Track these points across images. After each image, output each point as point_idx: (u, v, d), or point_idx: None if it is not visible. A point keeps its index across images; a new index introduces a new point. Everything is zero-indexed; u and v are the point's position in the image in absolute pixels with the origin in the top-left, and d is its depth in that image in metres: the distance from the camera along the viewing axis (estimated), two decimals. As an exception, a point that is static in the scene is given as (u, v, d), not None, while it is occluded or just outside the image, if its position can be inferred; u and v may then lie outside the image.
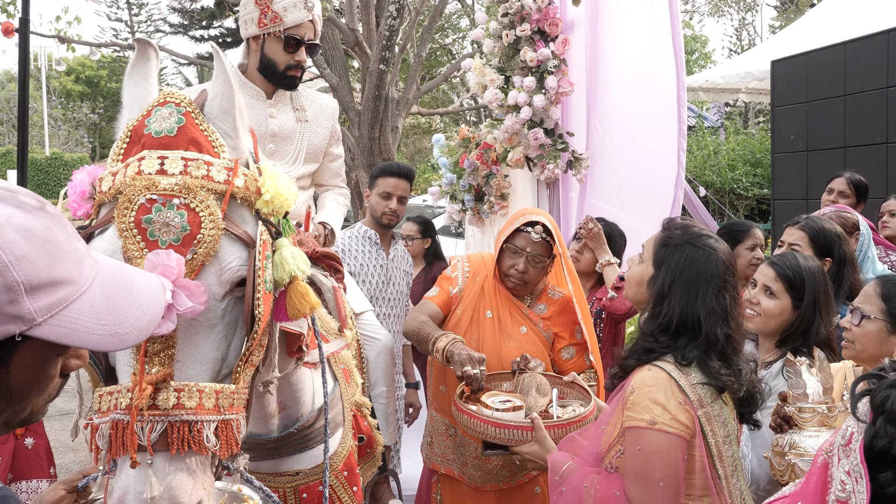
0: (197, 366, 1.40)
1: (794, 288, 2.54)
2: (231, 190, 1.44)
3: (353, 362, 2.56)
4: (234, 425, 1.42)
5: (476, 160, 4.62)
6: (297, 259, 1.53)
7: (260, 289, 1.42)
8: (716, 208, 10.13)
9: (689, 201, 5.80)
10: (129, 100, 1.56)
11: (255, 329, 1.42)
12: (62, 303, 0.98)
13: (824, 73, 6.76)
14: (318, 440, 2.20)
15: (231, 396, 1.41)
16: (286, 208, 1.55)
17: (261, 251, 1.44)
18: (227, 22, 27.01)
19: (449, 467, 3.03)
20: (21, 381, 1.01)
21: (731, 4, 31.38)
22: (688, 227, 2.09)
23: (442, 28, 19.42)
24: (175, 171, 1.39)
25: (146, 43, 1.57)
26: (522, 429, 2.34)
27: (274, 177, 1.51)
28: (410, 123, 22.41)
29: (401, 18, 7.98)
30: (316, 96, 3.19)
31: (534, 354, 2.91)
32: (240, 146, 1.54)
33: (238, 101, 1.53)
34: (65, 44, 8.64)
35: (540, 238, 2.91)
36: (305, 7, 2.87)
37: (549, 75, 4.23)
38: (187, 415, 1.34)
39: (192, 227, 1.37)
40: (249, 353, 1.45)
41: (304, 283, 1.55)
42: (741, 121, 18.91)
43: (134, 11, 38.03)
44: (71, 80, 39.02)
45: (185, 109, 1.46)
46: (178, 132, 1.43)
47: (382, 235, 4.06)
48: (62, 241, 1.00)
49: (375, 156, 8.35)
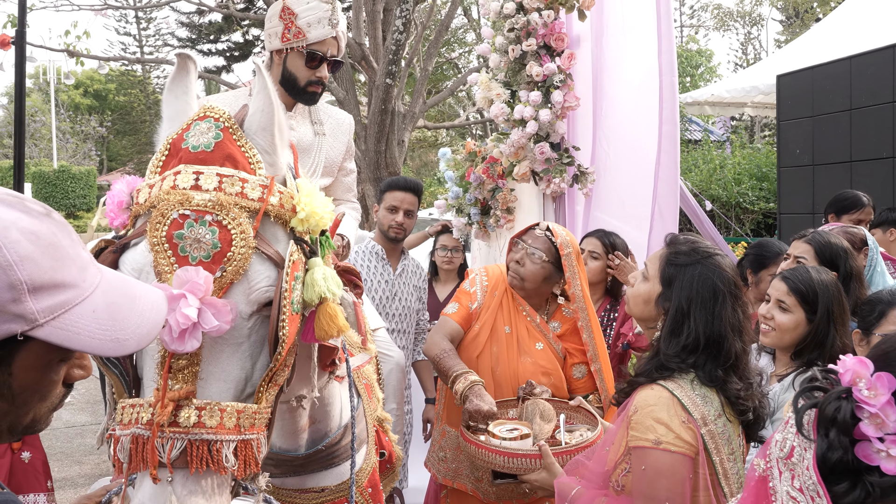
0: (221, 384, 1.39)
1: (808, 301, 2.54)
2: (265, 208, 1.42)
3: (374, 377, 2.57)
4: (255, 444, 1.40)
5: (482, 174, 4.63)
6: (328, 281, 1.50)
7: (286, 310, 1.40)
8: (722, 222, 10.12)
9: (695, 215, 5.79)
10: (170, 113, 1.55)
11: (280, 351, 1.41)
12: (64, 306, 1.00)
13: (830, 87, 6.76)
14: (344, 457, 2.20)
15: (253, 416, 1.40)
16: (322, 227, 1.53)
17: (289, 272, 1.42)
18: (235, 36, 27.15)
19: (462, 482, 3.01)
20: (23, 383, 1.02)
21: (737, 19, 31.48)
22: (694, 244, 2.08)
23: (448, 42, 19.50)
24: (209, 186, 1.38)
25: (186, 57, 1.56)
26: (530, 457, 2.34)
27: (310, 195, 1.49)
28: (416, 137, 22.48)
29: (407, 33, 8.03)
30: (333, 111, 3.20)
31: (548, 370, 2.93)
32: (277, 163, 1.51)
33: (279, 117, 1.51)
34: (74, 58, 8.71)
35: (542, 234, 2.94)
36: (330, 24, 2.87)
37: (554, 90, 4.24)
38: (207, 434, 1.33)
39: (223, 245, 1.36)
40: (273, 373, 1.44)
41: (333, 305, 1.53)
42: (747, 135, 18.92)
43: (142, 26, 38.32)
44: (79, 94, 39.33)
45: (224, 125, 1.45)
46: (215, 148, 1.43)
47: (390, 250, 4.06)
48: (66, 246, 1.03)
49: (382, 169, 8.39)
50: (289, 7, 2.82)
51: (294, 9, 2.82)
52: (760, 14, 31.49)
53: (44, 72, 33.46)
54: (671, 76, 4.38)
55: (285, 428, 2.07)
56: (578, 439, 2.50)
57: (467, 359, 2.92)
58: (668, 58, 4.39)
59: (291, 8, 2.82)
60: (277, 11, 2.85)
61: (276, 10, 2.86)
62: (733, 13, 31.28)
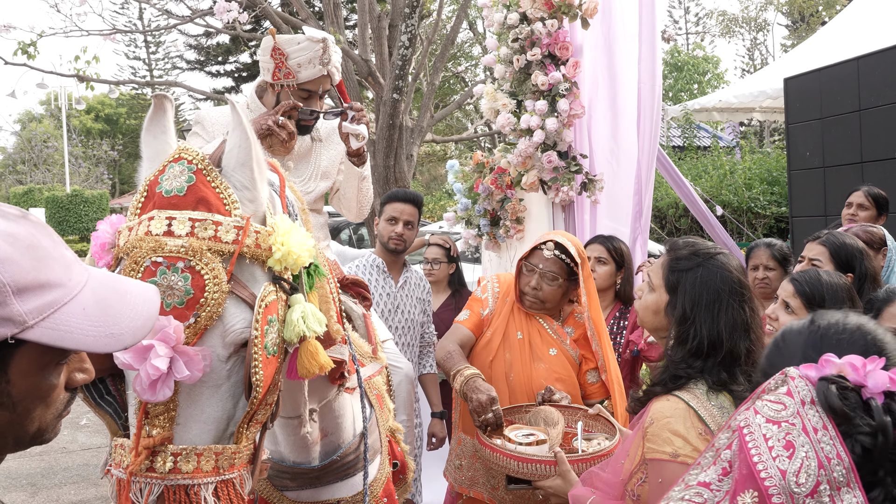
0: (200, 426, 1.39)
1: (813, 304, 2.50)
2: (239, 250, 1.41)
3: (384, 388, 2.57)
4: (237, 482, 1.41)
5: (490, 185, 4.63)
6: (307, 320, 1.49)
7: (259, 355, 1.40)
8: (734, 228, 10.08)
9: (706, 221, 5.77)
10: (149, 154, 1.56)
11: (255, 395, 1.40)
12: (53, 305, 0.99)
13: (838, 89, 6.73)
14: (359, 467, 2.20)
15: (232, 457, 1.40)
16: (300, 265, 1.51)
17: (260, 317, 1.41)
18: (243, 57, 27.38)
19: (478, 491, 3.00)
20: (22, 389, 1.01)
21: (742, 25, 31.46)
22: (693, 246, 2.07)
23: (454, 56, 19.59)
24: (182, 232, 1.38)
25: (163, 97, 1.57)
26: (545, 463, 2.31)
27: (287, 234, 1.48)
28: (425, 151, 22.54)
29: (413, 48, 8.06)
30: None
31: (563, 376, 2.92)
32: (258, 198, 1.50)
33: (255, 152, 1.50)
34: (84, 83, 8.78)
35: (552, 255, 2.92)
36: (321, 63, 2.87)
37: (560, 98, 4.25)
38: (183, 479, 1.33)
39: (196, 291, 1.36)
40: (253, 414, 1.43)
41: (314, 343, 1.53)
42: (756, 140, 18.87)
43: (151, 49, 38.72)
44: (90, 119, 39.70)
45: (197, 167, 1.44)
46: (188, 191, 1.42)
47: (391, 263, 4.05)
48: (47, 246, 1.02)
49: (391, 184, 8.40)
50: (279, 48, 2.82)
51: (284, 49, 2.83)
52: (766, 19, 31.48)
53: (55, 98, 33.82)
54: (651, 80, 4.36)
55: (297, 442, 2.07)
56: (596, 448, 2.47)
57: (480, 365, 2.93)
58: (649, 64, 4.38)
59: (282, 48, 2.83)
60: (269, 48, 2.85)
61: (268, 46, 2.85)
62: (738, 19, 31.27)
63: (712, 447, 1.20)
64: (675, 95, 25.46)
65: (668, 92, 25.92)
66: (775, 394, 1.11)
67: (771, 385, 1.15)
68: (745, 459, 1.07)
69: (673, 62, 27.11)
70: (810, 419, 1.06)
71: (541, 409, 2.68)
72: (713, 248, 2.05)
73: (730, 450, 1.13)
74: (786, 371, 1.15)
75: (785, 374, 1.14)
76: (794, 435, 1.06)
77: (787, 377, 1.13)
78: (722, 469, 1.13)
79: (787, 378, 1.13)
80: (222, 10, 7.23)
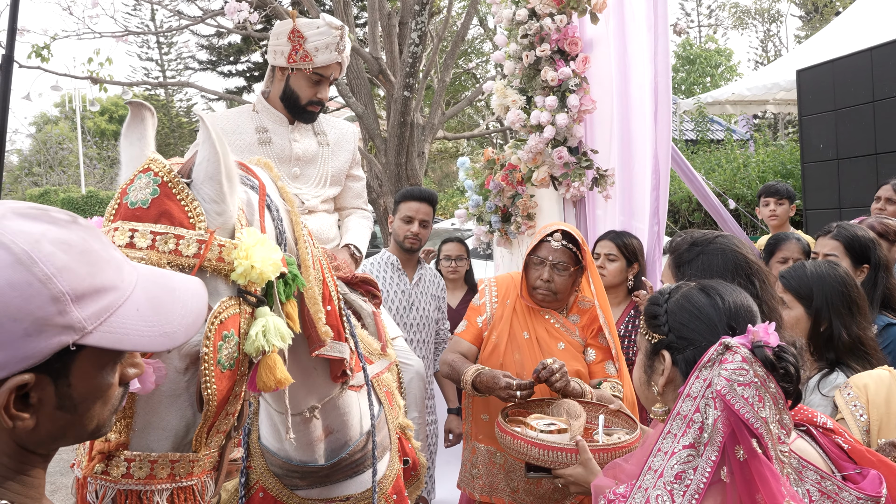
0: (158, 433, 1.39)
1: (803, 297, 2.53)
2: (200, 264, 1.41)
3: (394, 385, 2.57)
4: (197, 489, 1.41)
5: (501, 181, 4.62)
6: (268, 334, 1.48)
7: (210, 371, 1.39)
8: (748, 221, 10.01)
9: (718, 215, 5.74)
10: (126, 159, 1.57)
11: (208, 409, 1.40)
12: (109, 309, 1.01)
13: (851, 80, 6.67)
14: (368, 465, 2.21)
15: (190, 465, 1.40)
16: (265, 280, 1.49)
17: (213, 334, 1.39)
18: (254, 56, 27.46)
19: (499, 497, 2.99)
20: (83, 391, 1.02)
21: (755, 17, 31.24)
22: (691, 237, 2.09)
23: (465, 53, 19.57)
24: (143, 245, 1.38)
25: (140, 105, 1.58)
26: (566, 451, 2.30)
27: (249, 248, 1.47)
28: (437, 148, 22.54)
29: (423, 45, 8.06)
30: (336, 122, 3.25)
31: (575, 369, 2.93)
32: (227, 211, 1.49)
33: (225, 165, 1.49)
34: (97, 84, 8.85)
35: (560, 245, 2.94)
36: (337, 49, 2.92)
37: (570, 94, 4.23)
38: (136, 485, 1.34)
39: None
40: (211, 425, 1.43)
41: (274, 357, 1.51)
42: (770, 132, 18.75)
43: (164, 50, 38.87)
44: (105, 120, 39.93)
45: (163, 179, 1.44)
46: (151, 204, 1.43)
47: (406, 260, 4.08)
48: (98, 250, 1.03)
49: (403, 182, 8.41)
50: (298, 30, 2.87)
51: (304, 32, 2.87)
52: (779, 11, 31.24)
53: (69, 100, 34.06)
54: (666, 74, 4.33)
55: (300, 439, 2.08)
56: (616, 441, 2.47)
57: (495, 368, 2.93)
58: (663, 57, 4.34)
59: (301, 31, 2.87)
60: (286, 31, 2.89)
61: (285, 29, 2.89)
62: (751, 11, 31.06)
63: (678, 415, 1.46)
64: (688, 88, 25.34)
65: (680, 85, 25.82)
66: (732, 362, 1.42)
67: (714, 355, 1.45)
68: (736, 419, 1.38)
69: (685, 55, 26.97)
70: (759, 374, 1.41)
71: (563, 401, 2.69)
72: (710, 234, 2.08)
73: (699, 412, 1.42)
74: (724, 342, 1.45)
75: (724, 345, 1.45)
76: (760, 389, 1.40)
77: (728, 347, 1.44)
78: (698, 428, 1.42)
79: (729, 348, 1.44)
80: (233, 11, 7.25)
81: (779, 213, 5.09)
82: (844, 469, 1.58)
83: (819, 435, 1.64)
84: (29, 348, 0.94)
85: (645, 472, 1.47)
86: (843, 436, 1.64)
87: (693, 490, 1.38)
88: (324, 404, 2.07)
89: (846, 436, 1.64)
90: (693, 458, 1.41)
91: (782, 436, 1.42)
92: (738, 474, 1.37)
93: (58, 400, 1.00)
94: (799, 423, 1.65)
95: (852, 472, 1.56)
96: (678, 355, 1.59)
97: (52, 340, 0.95)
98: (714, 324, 1.57)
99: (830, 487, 1.50)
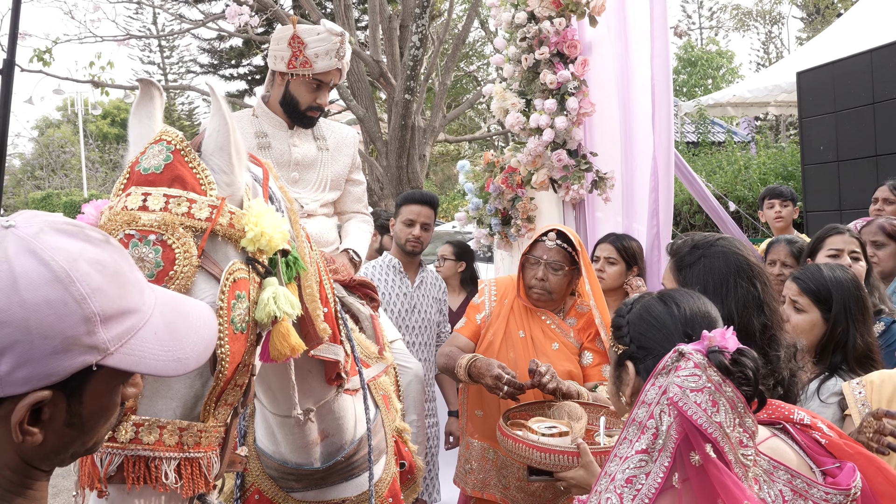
0: (166, 401, 1.38)
1: (821, 300, 2.48)
2: (212, 227, 1.43)
3: (391, 388, 2.58)
4: (203, 463, 1.39)
5: (501, 184, 4.63)
6: (278, 300, 1.49)
7: (224, 328, 1.39)
8: (748, 224, 10.01)
9: (718, 217, 5.73)
10: (134, 137, 1.59)
11: (221, 369, 1.40)
12: (130, 332, 1.02)
13: (851, 82, 6.67)
14: (364, 468, 2.21)
15: (198, 434, 1.39)
16: (274, 247, 1.52)
17: (227, 290, 1.41)
18: (256, 60, 27.51)
19: (490, 493, 3.01)
20: (92, 410, 1.03)
21: (757, 19, 31.24)
22: (693, 240, 2.08)
23: (466, 56, 19.58)
24: (156, 207, 1.40)
25: (149, 83, 1.60)
26: (568, 454, 2.31)
27: (259, 215, 1.50)
28: (439, 151, 22.54)
29: (424, 48, 8.08)
30: (336, 126, 3.25)
31: (567, 370, 2.94)
32: (235, 182, 1.53)
33: (234, 138, 1.53)
34: (99, 88, 8.88)
35: (555, 245, 2.98)
36: (337, 56, 2.93)
37: (569, 97, 4.24)
38: (144, 450, 1.33)
39: (166, 264, 1.37)
40: (220, 392, 1.43)
41: (286, 324, 1.53)
42: (772, 135, 18.74)
43: (165, 54, 38.91)
44: (107, 124, 40.02)
45: (175, 147, 1.47)
46: (165, 169, 1.45)
47: (407, 263, 4.09)
48: (127, 272, 1.05)
49: (404, 184, 8.42)
50: (299, 36, 2.87)
51: (304, 38, 2.88)
52: (781, 12, 31.24)
53: (72, 103, 34.09)
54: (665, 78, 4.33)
55: (296, 442, 2.09)
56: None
57: None
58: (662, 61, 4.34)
59: (301, 37, 2.87)
60: (287, 37, 2.90)
61: (286, 34, 2.90)
62: (753, 13, 31.05)
63: (633, 422, 1.47)
64: (689, 91, 25.32)
65: (681, 87, 25.81)
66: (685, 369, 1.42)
67: (668, 363, 1.46)
68: (689, 425, 1.38)
69: (686, 57, 26.96)
70: (713, 378, 1.40)
71: (564, 404, 2.70)
72: (712, 237, 2.07)
73: (653, 419, 1.43)
74: (678, 349, 1.45)
75: (678, 352, 1.45)
76: (714, 394, 1.40)
77: (682, 354, 1.45)
78: (652, 435, 1.42)
79: (683, 355, 1.44)
80: (234, 14, 7.28)
81: (784, 215, 5.12)
82: (823, 464, 1.58)
83: (796, 432, 1.65)
84: (54, 366, 0.94)
85: (601, 477, 1.48)
86: (820, 431, 1.64)
87: (643, 495, 1.40)
88: (319, 407, 2.07)
89: (824, 430, 1.65)
90: (646, 464, 1.43)
91: (744, 439, 1.43)
92: (695, 480, 1.37)
93: (68, 417, 1.00)
94: (775, 420, 1.66)
95: (831, 466, 1.57)
96: (640, 365, 1.62)
97: (76, 360, 0.95)
98: (670, 332, 1.59)
99: (801, 485, 1.51)
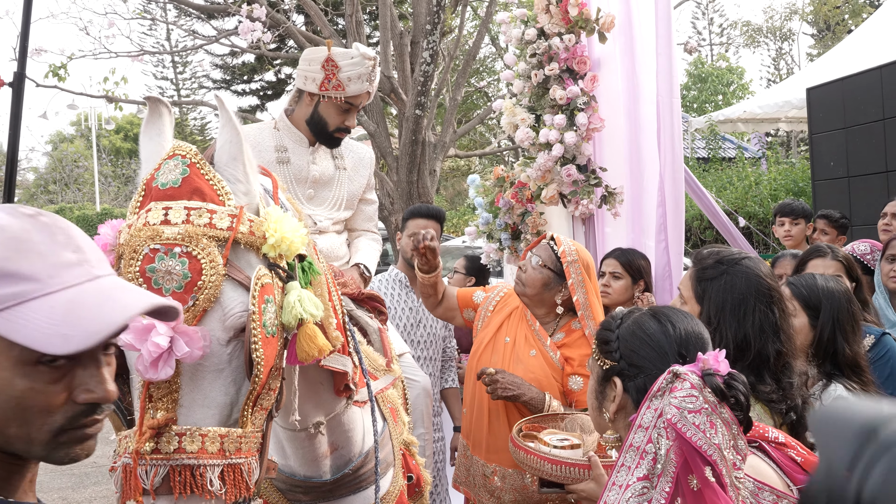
0: (204, 410, 1.41)
1: (810, 307, 2.54)
2: (234, 236, 1.46)
3: (399, 401, 2.59)
4: (245, 469, 1.41)
5: (511, 199, 4.65)
6: (304, 303, 1.52)
7: (257, 332, 1.42)
8: (759, 239, 9.98)
9: (728, 233, 5.74)
10: (146, 155, 1.62)
11: (257, 373, 1.42)
12: (17, 297, 1.00)
13: (861, 97, 6.68)
14: (371, 480, 2.22)
15: (238, 440, 1.41)
16: (294, 251, 1.55)
17: (257, 295, 1.44)
18: (268, 75, 27.70)
19: (466, 489, 3.10)
20: None
21: (767, 35, 31.26)
22: (718, 254, 2.08)
23: (477, 72, 19.66)
24: (178, 220, 1.42)
25: (157, 100, 1.63)
26: (579, 466, 2.31)
27: (278, 221, 1.52)
28: (449, 166, 22.60)
29: (435, 64, 8.11)
30: (354, 146, 3.26)
31: (539, 378, 2.97)
32: (251, 190, 1.56)
33: (246, 147, 1.56)
34: (113, 103, 8.96)
35: (545, 244, 3.07)
36: (368, 80, 2.96)
37: (579, 112, 4.26)
38: (189, 459, 1.34)
39: (194, 274, 1.40)
40: (256, 397, 1.45)
41: (312, 326, 1.55)
42: (783, 150, 18.70)
43: (178, 69, 39.24)
44: (120, 138, 40.36)
45: (190, 160, 1.50)
46: (182, 183, 1.47)
47: (413, 278, 4.09)
48: (38, 242, 1.04)
49: (414, 199, 8.44)
50: (333, 59, 2.89)
51: (338, 62, 2.89)
52: (791, 29, 31.25)
53: (85, 118, 34.42)
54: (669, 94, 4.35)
55: (306, 455, 2.10)
56: None
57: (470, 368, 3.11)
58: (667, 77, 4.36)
59: (336, 61, 2.89)
60: (320, 59, 2.91)
61: (319, 56, 2.91)
62: (763, 29, 31.08)
63: (631, 447, 1.45)
64: (700, 107, 25.33)
65: (692, 103, 25.83)
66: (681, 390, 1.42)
67: (663, 384, 1.45)
68: (688, 447, 1.37)
69: (697, 73, 26.99)
70: (710, 400, 1.41)
71: (577, 416, 2.70)
72: (738, 254, 2.07)
73: (651, 443, 1.42)
74: (673, 370, 1.45)
75: (673, 374, 1.45)
76: (711, 415, 1.39)
77: (676, 375, 1.44)
78: (651, 459, 1.41)
79: (678, 376, 1.44)
80: (247, 30, 7.35)
81: (793, 234, 5.01)
82: (799, 482, 1.57)
83: (772, 450, 1.64)
84: None
85: None
86: (795, 448, 1.64)
87: None
88: (329, 420, 2.08)
89: (798, 448, 1.64)
90: (647, 490, 1.40)
91: (738, 462, 1.41)
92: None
93: None
94: (751, 439, 1.63)
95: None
96: (629, 382, 1.60)
97: None
98: (665, 351, 1.57)
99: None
